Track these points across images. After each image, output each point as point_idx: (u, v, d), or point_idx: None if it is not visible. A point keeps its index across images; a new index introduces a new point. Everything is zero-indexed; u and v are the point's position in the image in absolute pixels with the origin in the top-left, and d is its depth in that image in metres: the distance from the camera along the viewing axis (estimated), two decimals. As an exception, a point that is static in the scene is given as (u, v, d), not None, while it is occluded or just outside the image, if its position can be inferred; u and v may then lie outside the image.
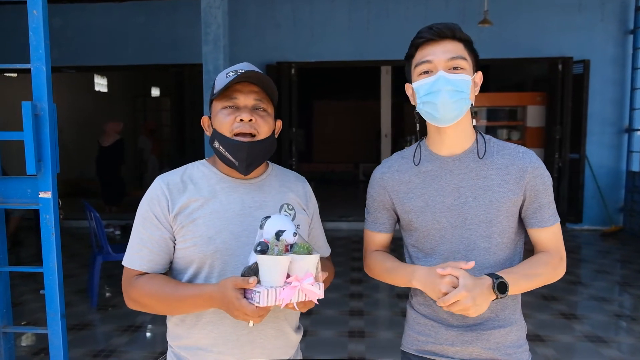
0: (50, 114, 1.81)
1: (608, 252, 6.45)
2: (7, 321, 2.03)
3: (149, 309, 1.37)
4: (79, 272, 5.49)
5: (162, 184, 1.37)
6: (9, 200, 1.88)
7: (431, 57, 1.34)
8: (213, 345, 1.35)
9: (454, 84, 1.32)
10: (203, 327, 1.35)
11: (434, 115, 1.35)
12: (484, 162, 1.39)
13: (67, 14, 7.95)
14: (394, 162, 1.51)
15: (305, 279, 1.17)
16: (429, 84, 1.34)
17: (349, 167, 14.01)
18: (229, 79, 1.35)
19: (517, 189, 1.37)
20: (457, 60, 1.33)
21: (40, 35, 1.75)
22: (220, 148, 1.37)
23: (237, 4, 7.58)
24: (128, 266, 1.36)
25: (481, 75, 1.42)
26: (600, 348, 3.58)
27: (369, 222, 1.55)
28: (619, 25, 7.43)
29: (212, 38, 5.03)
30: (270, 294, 1.13)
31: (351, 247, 6.57)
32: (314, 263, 1.19)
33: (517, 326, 1.45)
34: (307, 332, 3.89)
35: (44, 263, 1.86)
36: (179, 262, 1.37)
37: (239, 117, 1.34)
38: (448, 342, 1.42)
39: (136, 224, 1.37)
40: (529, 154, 1.39)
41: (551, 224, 1.39)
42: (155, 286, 1.32)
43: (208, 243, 1.31)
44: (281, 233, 1.18)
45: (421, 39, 1.36)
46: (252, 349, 1.35)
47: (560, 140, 7.61)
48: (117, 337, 3.81)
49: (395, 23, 7.67)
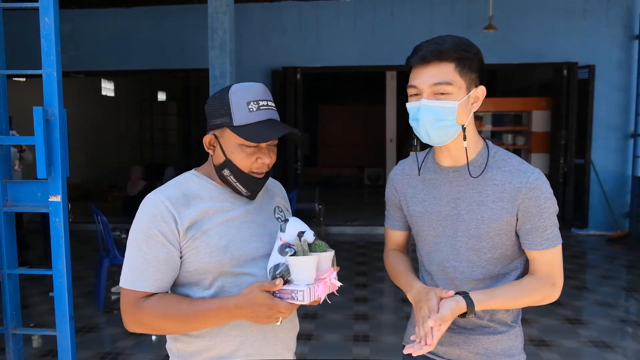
0: (60, 119, 1.84)
1: (614, 257, 6.43)
2: (16, 323, 2.06)
3: (158, 331, 1.34)
4: (86, 275, 5.53)
5: (163, 200, 1.31)
6: (19, 204, 1.92)
7: (416, 82, 1.34)
8: (238, 350, 1.34)
9: (436, 112, 1.31)
10: (227, 333, 1.33)
11: (422, 138, 1.38)
12: (482, 177, 1.39)
13: (75, 19, 8.03)
14: (407, 165, 1.55)
15: (331, 274, 1.27)
16: (413, 110, 1.35)
17: (354, 171, 14.00)
18: (254, 116, 1.31)
19: (511, 207, 1.34)
20: (441, 86, 1.30)
21: (52, 42, 1.79)
22: (230, 177, 1.36)
23: (244, 9, 7.64)
24: (132, 288, 1.29)
25: (483, 90, 1.38)
26: (606, 353, 3.57)
27: (387, 219, 1.61)
28: (624, 31, 7.42)
29: (218, 43, 5.07)
30: (311, 291, 1.22)
31: (356, 252, 6.57)
32: (331, 259, 1.30)
33: (510, 335, 1.44)
34: (312, 335, 3.90)
35: (53, 266, 1.89)
36: (191, 276, 1.33)
37: (260, 160, 1.34)
38: (438, 341, 1.44)
39: (136, 243, 1.31)
40: (529, 174, 1.35)
41: (543, 248, 1.35)
42: (169, 306, 1.28)
43: (224, 251, 1.32)
44: (302, 234, 1.26)
45: (410, 62, 1.36)
46: (275, 343, 1.38)
47: (565, 145, 7.60)
48: (123, 340, 3.83)
49: (400, 28, 7.69)
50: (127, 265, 1.32)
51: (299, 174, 7.97)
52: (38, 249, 6.79)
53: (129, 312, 1.30)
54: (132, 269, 1.31)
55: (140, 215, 1.33)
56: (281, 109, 7.68)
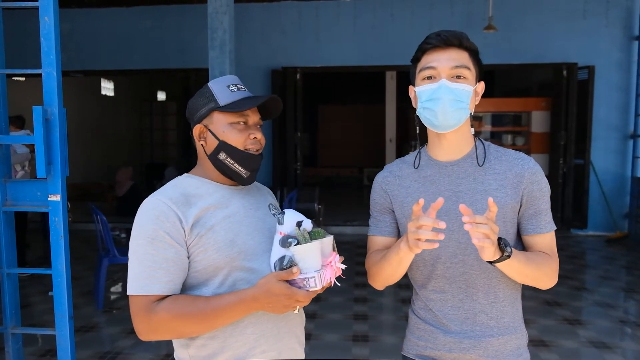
0: (60, 118, 1.84)
1: (613, 258, 6.43)
2: (16, 322, 2.06)
3: (175, 334, 1.30)
4: (86, 275, 5.52)
5: (164, 200, 1.30)
6: (19, 203, 1.91)
7: (435, 64, 1.36)
8: (254, 347, 1.33)
9: (455, 93, 1.34)
10: (242, 332, 1.32)
11: (432, 121, 1.38)
12: (482, 167, 1.41)
13: (74, 18, 8.03)
14: (395, 167, 1.54)
15: (335, 258, 1.29)
16: (430, 91, 1.36)
17: (354, 171, 14.00)
18: (237, 95, 1.39)
19: (515, 194, 1.37)
20: (460, 69, 1.35)
21: (52, 41, 1.79)
22: (227, 160, 1.37)
23: (244, 9, 7.64)
24: (143, 293, 1.25)
25: (483, 86, 1.43)
26: (605, 354, 3.57)
27: (372, 227, 1.55)
28: (624, 31, 7.43)
29: (218, 43, 5.07)
30: (322, 276, 1.24)
31: (355, 252, 6.57)
32: (331, 243, 1.32)
33: (517, 334, 1.45)
34: (312, 335, 3.90)
35: (53, 265, 1.89)
36: (200, 275, 1.32)
37: (252, 135, 1.39)
38: (446, 349, 1.43)
39: (141, 247, 1.27)
40: (527, 160, 1.40)
41: (547, 231, 1.40)
42: (185, 306, 1.25)
43: (231, 246, 1.32)
44: (300, 223, 1.28)
45: (428, 44, 1.37)
46: (289, 338, 1.39)
47: (565, 146, 7.60)
48: (122, 340, 3.83)
49: (400, 28, 7.70)
50: (133, 271, 1.28)
51: (299, 174, 7.97)
52: (37, 249, 6.78)
53: (141, 319, 1.26)
54: (140, 273, 1.27)
55: (142, 219, 1.30)
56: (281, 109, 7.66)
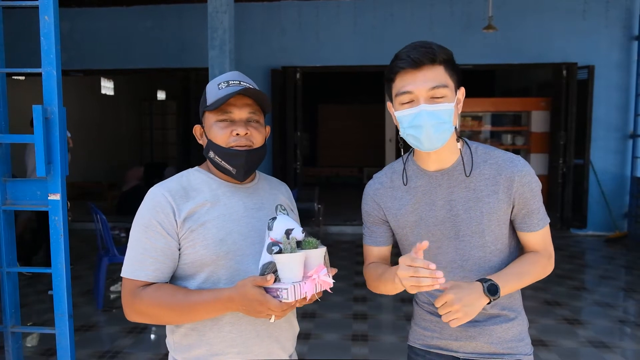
0: (60, 118, 1.84)
1: (612, 257, 6.43)
2: (15, 321, 2.06)
3: (155, 320, 1.36)
4: (85, 274, 5.53)
5: (163, 192, 1.35)
6: (19, 202, 1.91)
7: (411, 87, 1.30)
8: (231, 346, 1.35)
9: (436, 115, 1.29)
10: (220, 329, 1.35)
11: (418, 146, 1.35)
12: (472, 174, 1.40)
13: (74, 17, 8.03)
14: (385, 177, 1.51)
15: (321, 271, 1.24)
16: (411, 117, 1.31)
17: (354, 171, 14.00)
18: (222, 92, 1.36)
19: (506, 198, 1.38)
20: (438, 89, 1.29)
21: (52, 40, 1.78)
22: (215, 158, 1.38)
23: (244, 8, 7.64)
24: (131, 277, 1.33)
25: (463, 91, 1.39)
26: (604, 353, 3.58)
27: (367, 237, 1.55)
28: (623, 31, 7.43)
29: (218, 42, 5.07)
30: (295, 289, 1.20)
31: (355, 251, 6.58)
32: (322, 256, 1.27)
33: (519, 321, 1.49)
34: (311, 335, 3.90)
35: (53, 264, 1.88)
36: (188, 268, 1.35)
37: (235, 132, 1.36)
38: (452, 337, 1.46)
39: (136, 234, 1.35)
40: (516, 162, 1.39)
41: (540, 228, 1.42)
42: (165, 295, 1.31)
43: (220, 244, 1.33)
44: (290, 231, 1.25)
45: (400, 67, 1.31)
46: (270, 342, 1.38)
47: (564, 146, 7.61)
48: (122, 339, 3.83)
49: (400, 28, 7.69)
50: (128, 255, 1.36)
51: (299, 173, 7.96)
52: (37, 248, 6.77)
53: (127, 301, 1.35)
54: (131, 258, 1.34)
55: (142, 207, 1.37)
56: (281, 109, 7.68)
